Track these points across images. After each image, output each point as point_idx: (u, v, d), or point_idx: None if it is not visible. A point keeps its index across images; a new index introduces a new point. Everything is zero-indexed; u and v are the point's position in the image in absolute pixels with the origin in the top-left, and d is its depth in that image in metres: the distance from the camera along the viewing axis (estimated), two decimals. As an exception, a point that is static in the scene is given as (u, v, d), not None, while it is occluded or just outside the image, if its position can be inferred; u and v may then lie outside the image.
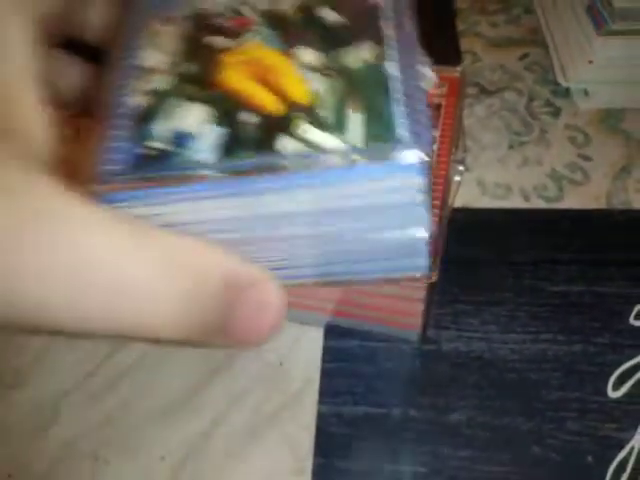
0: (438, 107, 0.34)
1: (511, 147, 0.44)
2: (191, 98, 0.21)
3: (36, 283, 0.16)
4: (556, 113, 0.46)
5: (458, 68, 0.35)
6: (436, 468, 0.30)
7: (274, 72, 0.21)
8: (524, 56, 0.50)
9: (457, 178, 0.31)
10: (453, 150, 0.32)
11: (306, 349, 0.35)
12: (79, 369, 0.36)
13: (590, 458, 0.30)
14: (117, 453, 0.32)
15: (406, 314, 0.32)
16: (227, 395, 0.34)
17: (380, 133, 0.20)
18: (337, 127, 0.20)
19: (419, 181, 0.20)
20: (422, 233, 0.22)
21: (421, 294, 0.30)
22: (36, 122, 0.18)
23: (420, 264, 0.24)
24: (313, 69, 0.21)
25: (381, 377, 0.34)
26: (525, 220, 0.39)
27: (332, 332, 0.35)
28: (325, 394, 0.33)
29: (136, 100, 0.21)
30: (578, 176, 0.42)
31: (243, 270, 0.20)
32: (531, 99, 0.47)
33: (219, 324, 0.20)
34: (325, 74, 0.21)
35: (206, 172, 0.19)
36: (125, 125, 0.20)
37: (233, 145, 0.20)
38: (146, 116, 0.20)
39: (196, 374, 0.35)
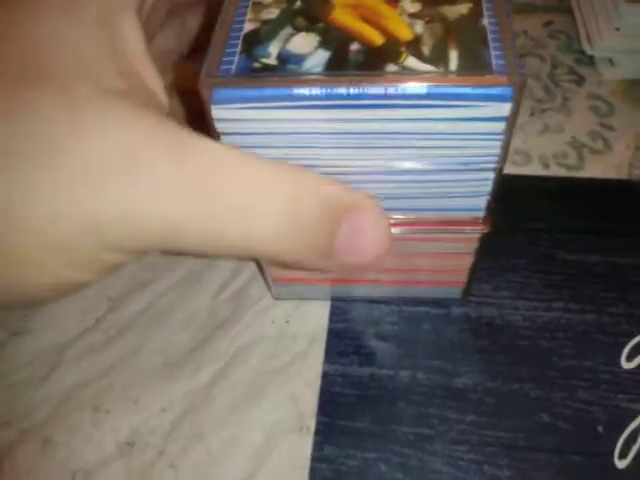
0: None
1: (532, 114, 0.42)
2: (303, 28, 0.24)
3: (185, 203, 0.19)
4: (579, 81, 0.44)
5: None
6: (442, 431, 0.30)
7: (380, 15, 0.24)
8: (548, 23, 0.48)
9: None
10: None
11: (313, 308, 0.35)
12: (82, 320, 0.35)
13: (600, 428, 0.29)
14: (117, 403, 0.32)
15: (451, 271, 0.31)
16: (231, 350, 0.34)
17: (474, 65, 0.22)
18: (437, 61, 0.22)
19: (506, 108, 0.21)
20: (488, 174, 0.24)
21: (472, 247, 0.29)
22: (160, 90, 0.22)
23: (480, 205, 0.26)
24: (415, 16, 0.24)
25: (388, 339, 0.33)
26: (543, 187, 0.38)
27: (341, 292, 0.35)
28: (331, 354, 0.33)
29: (250, 26, 0.24)
30: (599, 145, 0.40)
31: (344, 194, 0.22)
32: (554, 67, 0.45)
33: (323, 245, 0.22)
34: (426, 21, 0.23)
35: (312, 77, 0.22)
36: (239, 45, 0.23)
37: (341, 68, 0.22)
38: (260, 39, 0.23)
39: (200, 328, 0.34)
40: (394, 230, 0.28)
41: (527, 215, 0.37)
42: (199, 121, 0.23)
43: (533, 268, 0.35)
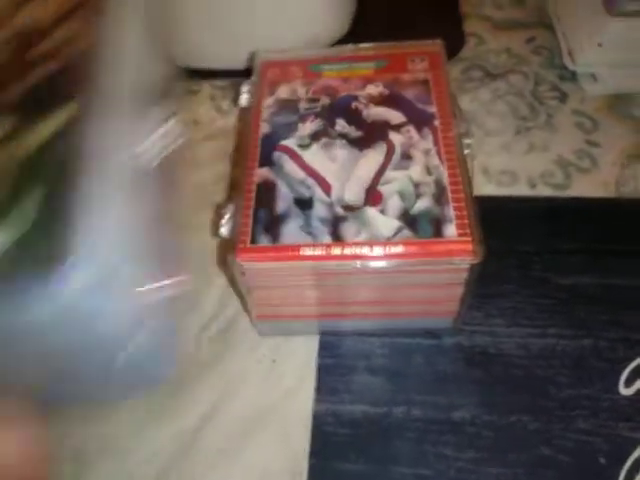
0: (425, 82, 0.33)
1: (517, 132, 0.42)
2: None
3: None
4: (563, 98, 0.44)
5: (437, 41, 0.36)
6: (440, 470, 0.29)
7: None
8: (530, 39, 0.48)
9: (466, 151, 0.30)
10: (454, 123, 0.31)
11: (301, 344, 0.33)
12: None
13: (602, 459, 0.28)
14: (101, 455, 0.31)
15: (442, 301, 0.31)
16: (217, 392, 0.32)
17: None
18: None
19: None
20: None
21: (462, 277, 0.28)
22: None
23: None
24: None
25: (379, 373, 0.32)
26: (531, 208, 0.38)
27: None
28: (321, 392, 0.32)
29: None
30: (586, 163, 0.40)
31: None
32: (537, 83, 0.45)
33: None
34: None
35: None
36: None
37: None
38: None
39: (184, 370, 0.33)
40: (383, 263, 0.27)
41: (516, 238, 0.36)
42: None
43: (525, 293, 0.34)
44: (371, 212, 0.28)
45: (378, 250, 0.27)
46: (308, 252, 0.27)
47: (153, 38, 0.21)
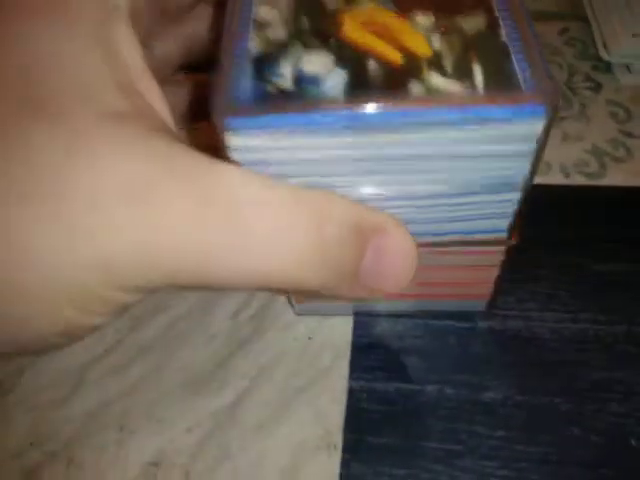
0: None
1: (550, 122, 0.42)
2: (314, 47, 0.22)
3: (200, 235, 0.17)
4: (597, 88, 0.44)
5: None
6: (471, 447, 0.29)
7: (393, 30, 0.23)
8: (564, 30, 0.48)
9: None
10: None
11: (336, 323, 0.34)
12: (103, 340, 0.35)
13: (634, 441, 0.29)
14: (141, 423, 0.32)
15: (476, 284, 0.31)
16: (254, 368, 0.33)
17: (500, 80, 0.21)
18: (461, 77, 0.21)
19: (538, 127, 0.20)
20: (515, 195, 0.23)
21: (498, 259, 0.28)
22: (165, 109, 0.20)
23: (503, 227, 0.25)
24: (430, 30, 0.23)
25: (413, 353, 0.33)
26: (565, 196, 0.38)
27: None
28: (356, 369, 0.32)
29: (257, 47, 0.22)
30: (621, 153, 0.40)
31: (373, 217, 0.21)
32: (571, 74, 0.45)
33: (349, 271, 0.21)
34: (443, 34, 0.22)
35: (330, 102, 0.20)
36: (249, 68, 0.21)
37: (359, 89, 0.21)
38: (269, 60, 0.22)
39: (221, 347, 0.34)
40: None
41: (549, 225, 0.36)
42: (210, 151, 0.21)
43: (558, 279, 0.34)
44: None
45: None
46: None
47: None
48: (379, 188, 0.23)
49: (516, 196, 0.24)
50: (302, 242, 0.18)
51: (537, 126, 0.20)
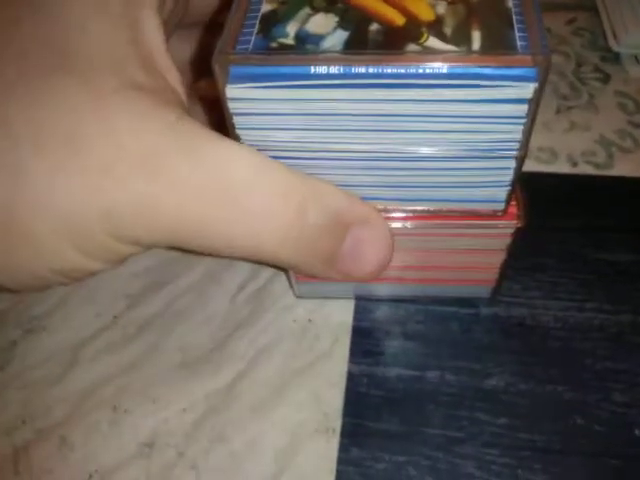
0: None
1: (558, 112, 0.41)
2: (322, 9, 0.23)
3: (197, 202, 0.19)
4: (605, 79, 0.43)
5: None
6: (473, 434, 0.29)
7: None
8: (572, 20, 0.48)
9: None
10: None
11: (337, 306, 0.34)
12: (98, 319, 0.35)
13: (637, 431, 0.28)
14: (136, 403, 0.31)
15: (482, 269, 0.30)
16: (252, 350, 0.33)
17: (498, 45, 0.21)
18: (459, 41, 0.21)
19: (529, 90, 0.21)
20: (509, 162, 0.23)
21: (505, 243, 0.28)
22: (180, 87, 0.22)
23: (501, 197, 0.25)
24: None
25: (415, 339, 0.32)
26: (572, 185, 0.37)
27: (365, 290, 0.34)
28: (355, 353, 0.32)
29: (267, 7, 0.23)
30: (628, 143, 0.39)
31: (357, 208, 0.23)
32: (579, 64, 0.44)
33: (327, 255, 0.23)
34: (448, 2, 0.23)
35: (325, 56, 0.21)
36: (257, 25, 0.22)
37: (360, 48, 0.21)
38: (278, 19, 0.23)
39: (219, 328, 0.34)
40: (424, 223, 0.27)
41: (556, 213, 0.36)
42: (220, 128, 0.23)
43: (564, 267, 0.34)
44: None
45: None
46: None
47: None
48: (373, 146, 0.23)
49: (511, 164, 0.24)
50: (285, 225, 0.21)
51: (528, 89, 0.20)
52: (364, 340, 0.32)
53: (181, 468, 0.29)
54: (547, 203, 0.36)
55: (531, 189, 0.27)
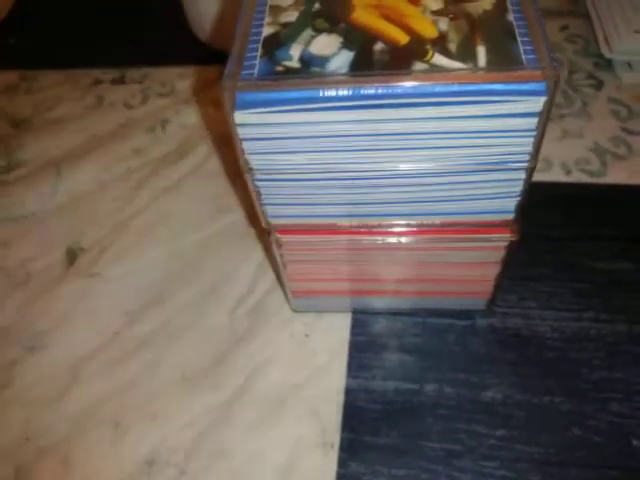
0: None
1: (551, 120, 0.41)
2: (324, 30, 0.23)
3: None
4: (598, 86, 0.43)
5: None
6: (471, 447, 0.29)
7: (402, 14, 0.24)
8: (564, 28, 0.48)
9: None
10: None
11: (334, 320, 0.34)
12: (99, 335, 0.35)
13: (635, 441, 0.28)
14: (137, 420, 0.31)
15: (477, 281, 0.31)
16: (251, 365, 0.33)
17: (504, 60, 0.21)
18: (465, 57, 0.22)
19: (539, 103, 0.21)
20: (519, 174, 0.24)
21: (500, 255, 0.28)
22: None
23: (511, 207, 0.25)
24: (438, 14, 0.23)
25: (412, 352, 0.32)
26: (566, 194, 0.37)
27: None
28: (353, 367, 0.32)
29: (270, 30, 0.23)
30: (622, 150, 0.39)
31: None
32: (572, 71, 0.45)
33: None
34: (451, 18, 0.23)
35: (333, 78, 0.21)
36: (260, 49, 0.23)
37: (367, 69, 0.21)
38: (280, 42, 0.23)
39: (219, 343, 0.34)
40: (420, 238, 0.28)
41: (550, 223, 0.36)
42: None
43: (559, 277, 0.34)
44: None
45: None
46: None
47: None
48: (384, 165, 0.24)
49: (521, 175, 0.24)
50: None
51: (538, 102, 0.21)
52: (362, 354, 0.32)
53: (182, 485, 0.29)
54: (542, 212, 0.36)
55: (526, 198, 0.28)
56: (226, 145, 0.44)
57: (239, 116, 0.21)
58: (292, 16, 0.24)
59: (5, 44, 0.54)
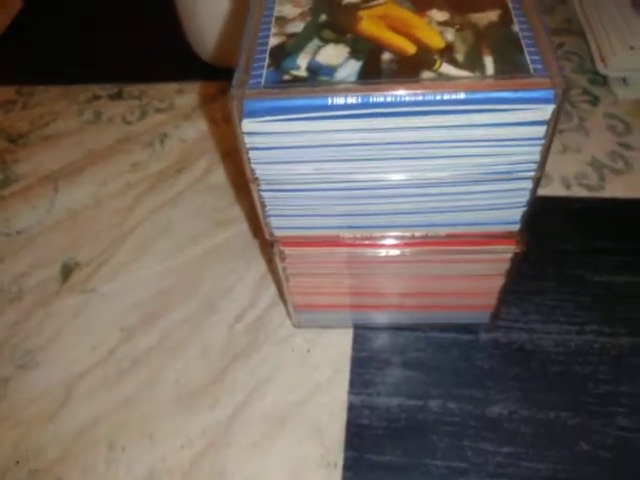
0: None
1: (549, 134, 0.42)
2: (331, 40, 0.23)
3: None
4: (595, 102, 0.44)
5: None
6: (477, 464, 0.28)
7: (409, 25, 0.24)
8: (560, 45, 0.48)
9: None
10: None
11: (335, 336, 0.33)
12: (93, 352, 0.34)
13: (644, 457, 0.28)
14: (133, 440, 0.30)
15: (481, 294, 0.30)
16: (251, 381, 0.32)
17: (511, 69, 0.21)
18: (472, 67, 0.22)
19: (548, 112, 0.21)
20: (526, 183, 0.23)
21: (504, 268, 0.28)
22: None
23: (516, 218, 0.25)
24: (445, 24, 0.24)
25: (415, 367, 0.32)
26: (567, 208, 0.37)
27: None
28: (355, 384, 0.31)
29: (276, 40, 0.23)
30: (620, 165, 0.40)
31: None
32: (568, 87, 0.45)
33: None
34: (457, 29, 0.23)
35: (341, 87, 0.21)
36: (267, 59, 0.23)
37: (374, 78, 0.21)
38: (287, 52, 0.23)
39: (218, 359, 0.33)
40: (423, 250, 0.27)
41: (552, 236, 0.36)
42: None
43: (562, 290, 0.34)
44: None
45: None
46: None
47: None
48: (392, 175, 0.23)
49: (528, 185, 0.24)
50: None
51: (546, 111, 0.21)
52: (364, 370, 0.32)
53: (180, 507, 0.28)
54: (542, 226, 0.36)
55: (531, 209, 0.27)
56: (226, 159, 0.44)
57: (247, 125, 0.21)
58: (298, 27, 0.24)
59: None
